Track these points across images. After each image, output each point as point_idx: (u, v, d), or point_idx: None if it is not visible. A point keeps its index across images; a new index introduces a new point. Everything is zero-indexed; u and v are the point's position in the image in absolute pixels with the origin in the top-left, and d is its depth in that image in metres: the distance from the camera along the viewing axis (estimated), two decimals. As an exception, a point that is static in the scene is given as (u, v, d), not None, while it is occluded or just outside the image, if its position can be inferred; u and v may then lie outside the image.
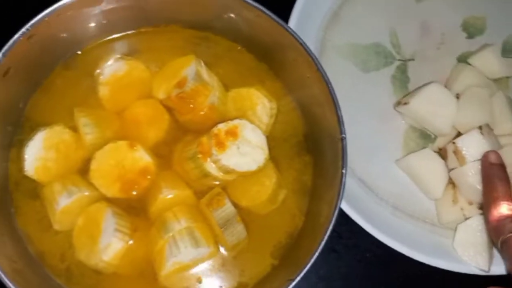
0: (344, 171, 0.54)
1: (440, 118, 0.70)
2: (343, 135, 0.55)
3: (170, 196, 0.60)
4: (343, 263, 0.71)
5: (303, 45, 0.57)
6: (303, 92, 0.64)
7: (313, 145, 0.64)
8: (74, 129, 0.62)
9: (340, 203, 0.53)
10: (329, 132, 0.59)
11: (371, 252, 0.72)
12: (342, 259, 0.71)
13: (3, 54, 0.54)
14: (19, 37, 0.54)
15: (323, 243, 0.51)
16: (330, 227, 0.52)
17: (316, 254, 0.51)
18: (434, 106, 0.70)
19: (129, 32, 0.66)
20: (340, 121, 0.55)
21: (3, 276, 0.49)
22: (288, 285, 0.50)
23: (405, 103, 0.71)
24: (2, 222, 0.56)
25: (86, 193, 0.59)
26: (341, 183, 0.53)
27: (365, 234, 0.67)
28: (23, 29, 0.54)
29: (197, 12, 0.64)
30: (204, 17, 0.64)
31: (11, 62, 0.55)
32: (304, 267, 0.51)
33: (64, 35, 0.61)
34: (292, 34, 0.57)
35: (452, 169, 0.69)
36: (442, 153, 0.72)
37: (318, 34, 0.77)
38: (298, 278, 0.50)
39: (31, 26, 0.55)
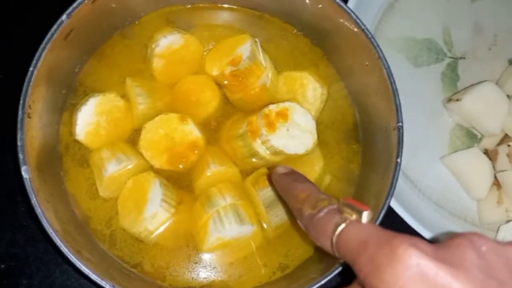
0: (399, 160, 0.53)
1: (491, 118, 0.70)
2: (400, 124, 0.54)
3: (217, 171, 0.60)
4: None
5: (365, 31, 0.57)
6: (358, 79, 0.63)
7: (363, 134, 0.64)
8: (126, 98, 0.62)
9: (393, 193, 0.52)
10: (382, 122, 0.59)
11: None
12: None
13: (68, 15, 0.54)
14: None
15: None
16: (381, 217, 0.52)
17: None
18: (486, 106, 0.69)
19: (187, 6, 0.66)
20: (398, 110, 0.55)
21: (54, 234, 0.49)
22: (337, 268, 0.50)
23: (457, 100, 0.71)
24: (52, 183, 0.57)
25: (135, 162, 0.59)
26: (395, 173, 0.53)
27: (405, 229, 0.66)
28: (89, -8, 0.55)
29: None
30: (262, -3, 0.64)
31: (74, 24, 0.56)
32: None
33: (124, 3, 0.61)
34: (355, 20, 0.57)
35: (501, 171, 0.68)
36: (490, 154, 0.71)
37: (372, 25, 0.77)
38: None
39: (97, -11, 0.55)
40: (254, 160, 0.61)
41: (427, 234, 0.65)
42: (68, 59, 0.60)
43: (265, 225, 0.60)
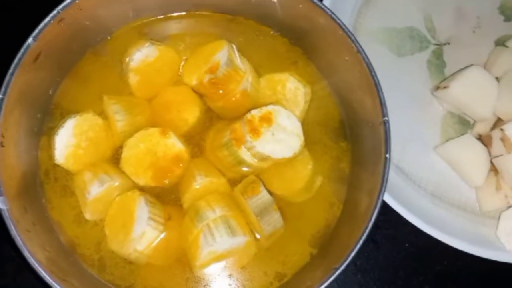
0: (388, 155, 0.52)
1: (481, 103, 0.68)
2: (386, 118, 0.53)
3: (204, 183, 0.58)
4: (381, 254, 0.69)
5: (342, 26, 0.55)
6: (340, 76, 0.61)
7: (350, 132, 0.62)
8: (104, 116, 0.60)
9: (385, 189, 0.51)
10: (368, 117, 0.57)
11: (409, 243, 0.70)
12: (380, 250, 0.69)
13: (34, 38, 0.53)
14: (50, 20, 0.53)
15: (367, 231, 0.49)
16: (375, 215, 0.50)
17: (361, 242, 0.49)
18: (475, 90, 0.68)
19: (159, 17, 0.65)
20: (382, 104, 0.53)
21: (36, 265, 0.47)
22: (333, 274, 0.48)
23: (445, 87, 0.69)
24: (34, 212, 0.55)
25: (118, 182, 0.57)
26: (385, 168, 0.51)
27: (403, 224, 0.65)
28: (54, 12, 0.53)
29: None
30: (235, 0, 0.62)
31: (42, 46, 0.54)
32: (349, 255, 0.49)
33: (94, 19, 0.60)
34: (331, 16, 0.55)
35: (496, 156, 0.66)
36: (484, 139, 0.70)
37: (351, 19, 0.75)
38: (343, 267, 0.48)
39: (62, 9, 0.54)
40: (241, 168, 0.60)
41: (425, 228, 0.63)
42: (40, 82, 0.59)
43: (257, 235, 0.58)
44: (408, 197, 0.66)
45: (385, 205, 0.65)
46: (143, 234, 0.55)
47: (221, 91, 0.61)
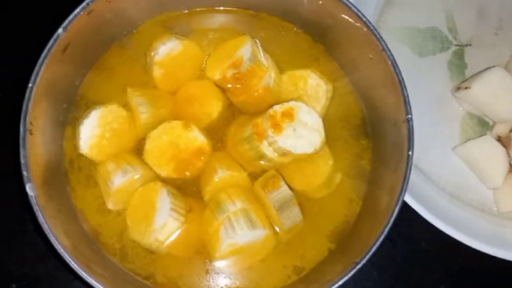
0: (411, 153, 0.52)
1: (502, 104, 0.68)
2: (409, 116, 0.53)
3: (225, 177, 0.59)
4: (398, 252, 0.69)
5: (367, 24, 0.55)
6: (362, 73, 0.62)
7: (372, 129, 0.63)
8: (128, 108, 0.61)
9: (406, 187, 0.51)
10: (390, 115, 0.57)
11: (426, 242, 0.70)
12: (397, 248, 0.69)
13: (64, 29, 0.54)
14: (79, 11, 0.54)
15: (388, 227, 0.50)
16: (396, 211, 0.50)
17: (381, 238, 0.49)
18: (496, 91, 0.68)
19: (183, 12, 0.65)
20: (406, 102, 0.53)
21: (63, 251, 0.48)
22: (353, 268, 0.49)
23: (466, 88, 0.69)
24: (59, 200, 0.56)
25: (141, 172, 0.58)
26: (407, 166, 0.51)
27: (420, 223, 0.65)
28: (84, 4, 0.54)
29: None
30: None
31: (71, 37, 0.55)
32: (369, 251, 0.49)
33: (121, 12, 0.60)
34: (356, 13, 0.56)
35: (516, 157, 0.67)
36: (503, 140, 0.69)
37: (374, 17, 0.75)
38: (364, 261, 0.49)
39: (92, 1, 0.54)
40: (262, 162, 0.60)
41: (442, 226, 0.64)
42: (67, 73, 0.59)
43: (277, 229, 0.59)
44: (427, 196, 0.67)
45: (402, 203, 0.65)
46: (165, 225, 0.56)
47: (244, 86, 0.62)
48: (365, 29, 0.56)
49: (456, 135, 0.73)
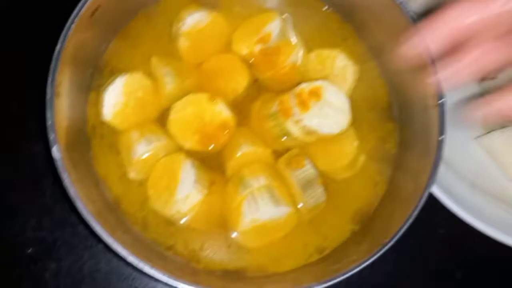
0: (442, 138, 0.51)
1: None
2: (442, 100, 0.52)
3: (248, 152, 0.58)
4: (414, 238, 0.69)
5: (400, 5, 0.55)
6: (391, 56, 0.61)
7: (399, 113, 0.62)
8: (152, 77, 0.60)
9: (436, 172, 0.50)
10: (419, 99, 0.57)
11: (444, 229, 0.70)
12: (413, 233, 0.69)
13: (94, -8, 0.52)
14: (110, -25, 0.53)
15: (415, 213, 0.49)
16: (424, 199, 0.50)
17: (410, 221, 0.49)
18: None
19: (213, -16, 0.64)
20: (439, 86, 0.53)
21: (89, 215, 0.48)
22: (380, 249, 0.48)
23: (492, 78, 0.68)
24: (81, 166, 0.55)
25: (165, 142, 0.57)
26: (437, 152, 0.51)
27: (439, 209, 0.64)
28: (114, -32, 0.53)
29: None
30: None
31: (99, 1, 0.54)
32: (397, 233, 0.49)
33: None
34: (391, -8, 0.55)
35: (539, 149, 0.66)
36: (527, 132, 0.69)
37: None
38: (391, 243, 0.48)
39: (123, -36, 0.53)
40: (286, 140, 0.60)
41: (463, 214, 0.63)
42: (93, 38, 0.58)
43: (300, 206, 0.58)
44: (447, 183, 0.66)
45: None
46: (188, 196, 0.55)
47: (271, 62, 0.61)
48: (397, 10, 0.55)
49: (479, 124, 0.72)
